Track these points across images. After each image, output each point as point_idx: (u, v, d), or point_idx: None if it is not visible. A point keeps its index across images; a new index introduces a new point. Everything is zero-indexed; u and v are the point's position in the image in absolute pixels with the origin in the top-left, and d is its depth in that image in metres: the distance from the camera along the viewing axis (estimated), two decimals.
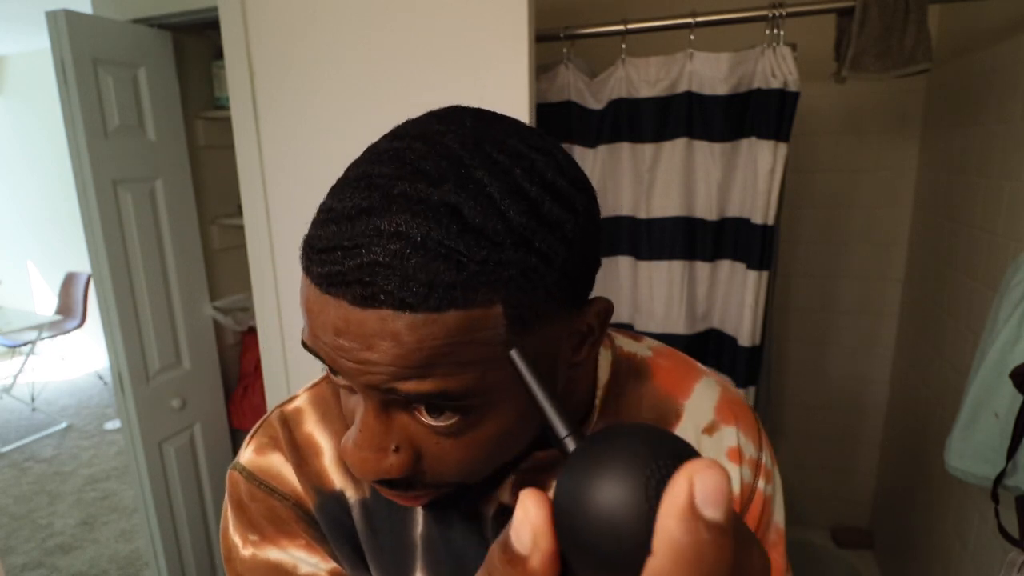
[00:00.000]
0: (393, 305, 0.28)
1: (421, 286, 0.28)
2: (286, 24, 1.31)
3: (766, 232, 1.33)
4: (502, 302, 0.30)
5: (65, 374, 4.70)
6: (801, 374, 2.10)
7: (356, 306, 0.29)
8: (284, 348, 1.49)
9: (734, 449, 0.46)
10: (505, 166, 0.31)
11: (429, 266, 0.28)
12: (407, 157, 0.31)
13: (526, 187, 0.31)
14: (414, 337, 0.29)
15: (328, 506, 0.45)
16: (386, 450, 0.33)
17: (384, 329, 0.29)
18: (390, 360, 0.29)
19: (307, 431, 0.47)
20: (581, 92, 1.46)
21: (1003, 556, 1.19)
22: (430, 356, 0.29)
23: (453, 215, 0.29)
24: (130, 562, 2.49)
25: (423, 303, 0.28)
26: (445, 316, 0.29)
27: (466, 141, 0.31)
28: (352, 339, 0.29)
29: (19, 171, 4.75)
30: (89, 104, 1.59)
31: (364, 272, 0.28)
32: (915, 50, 1.21)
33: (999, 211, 1.32)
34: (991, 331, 1.07)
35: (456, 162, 0.30)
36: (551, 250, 0.31)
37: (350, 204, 0.30)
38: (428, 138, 0.32)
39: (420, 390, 0.30)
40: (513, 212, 0.30)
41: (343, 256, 0.29)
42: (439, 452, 0.34)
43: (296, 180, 1.38)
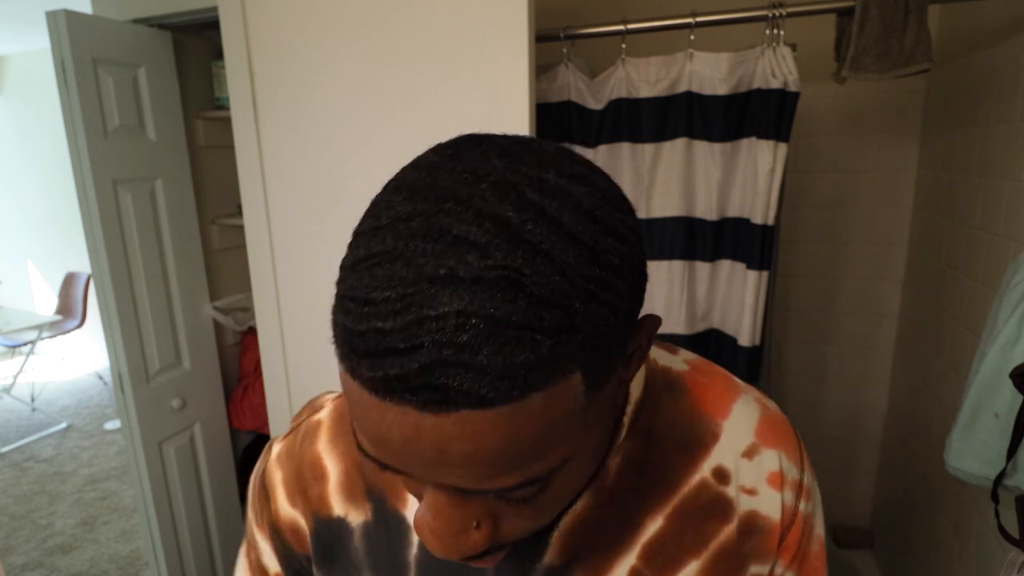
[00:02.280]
0: (471, 404, 0.25)
1: (499, 377, 0.25)
2: (286, 24, 1.31)
3: (766, 232, 1.33)
4: (580, 368, 0.27)
5: (65, 374, 4.70)
6: (801, 374, 2.10)
7: (428, 412, 0.25)
8: (284, 348, 1.49)
9: (776, 474, 0.43)
10: (553, 214, 0.27)
11: (503, 352, 0.24)
12: (441, 224, 0.26)
13: (579, 231, 0.27)
14: (499, 434, 0.26)
15: (323, 533, 0.46)
16: (468, 530, 0.31)
17: (464, 432, 0.25)
18: (475, 461, 0.26)
19: (317, 450, 0.47)
20: (581, 92, 1.46)
21: (1003, 556, 1.19)
22: (517, 449, 0.26)
23: (514, 287, 0.25)
24: (130, 562, 2.49)
25: (504, 395, 0.25)
26: (529, 402, 0.26)
27: (504, 192, 0.27)
28: (426, 448, 0.26)
29: (19, 171, 4.75)
30: (89, 104, 1.59)
31: (430, 374, 0.24)
32: (915, 50, 1.21)
33: (999, 211, 1.32)
34: (991, 331, 1.07)
35: (501, 222, 0.26)
36: (617, 296, 0.28)
37: (391, 294, 0.25)
38: (458, 195, 0.27)
39: (507, 484, 0.28)
40: (574, 266, 0.27)
41: (400, 357, 0.25)
42: (519, 518, 0.33)
43: (296, 180, 1.38)
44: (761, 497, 0.42)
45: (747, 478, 0.43)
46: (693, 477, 0.42)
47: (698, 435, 0.43)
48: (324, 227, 1.38)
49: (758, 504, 0.42)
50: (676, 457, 0.43)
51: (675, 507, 0.42)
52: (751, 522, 0.42)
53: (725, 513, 0.42)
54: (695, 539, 0.41)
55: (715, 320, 1.47)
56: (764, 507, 0.42)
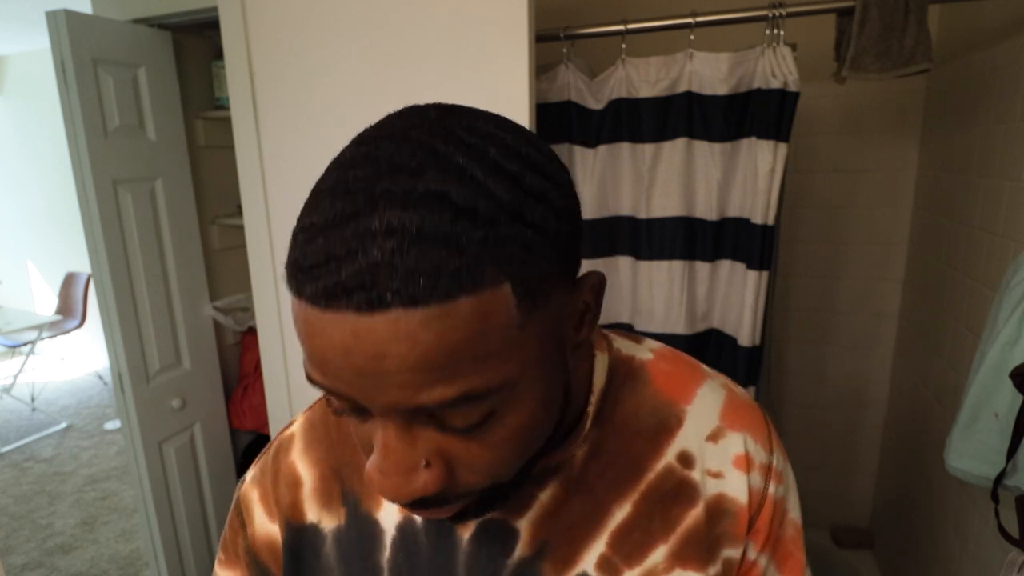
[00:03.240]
0: (403, 303, 0.26)
1: (428, 276, 0.26)
2: (286, 24, 1.31)
3: (766, 232, 1.33)
4: (509, 279, 0.29)
5: (65, 374, 4.70)
6: (801, 374, 2.10)
7: (363, 314, 0.27)
8: (284, 348, 1.49)
9: (741, 456, 0.43)
10: (480, 147, 0.30)
11: (430, 255, 0.27)
12: (379, 156, 0.30)
13: (505, 164, 0.30)
14: (431, 333, 0.27)
15: (294, 542, 0.46)
16: (416, 469, 0.31)
17: (398, 332, 0.27)
18: (410, 365, 0.27)
19: (291, 461, 0.48)
20: (581, 92, 1.46)
21: (1003, 556, 1.19)
22: (450, 353, 0.27)
23: (442, 201, 0.28)
24: (130, 562, 2.49)
25: (432, 293, 0.26)
26: (458, 305, 0.27)
27: (435, 131, 0.31)
28: (364, 353, 0.27)
29: (19, 171, 4.75)
30: (89, 104, 1.59)
31: (364, 276, 0.26)
32: (915, 50, 1.21)
33: (999, 211, 1.33)
34: (991, 331, 1.07)
35: (431, 151, 0.29)
36: (543, 221, 0.30)
37: (331, 213, 0.28)
38: (395, 136, 0.31)
39: (446, 396, 0.28)
40: (499, 189, 0.29)
41: (338, 266, 0.27)
42: (469, 458, 0.32)
43: (296, 180, 1.39)
44: (728, 480, 0.43)
45: (713, 461, 0.43)
46: (658, 463, 0.43)
47: (662, 421, 0.44)
48: None
49: (725, 487, 0.43)
50: (641, 444, 0.43)
51: (642, 493, 0.42)
52: (719, 505, 0.43)
53: (691, 497, 0.42)
54: (663, 524, 0.42)
55: (715, 320, 1.47)
56: (731, 490, 0.43)
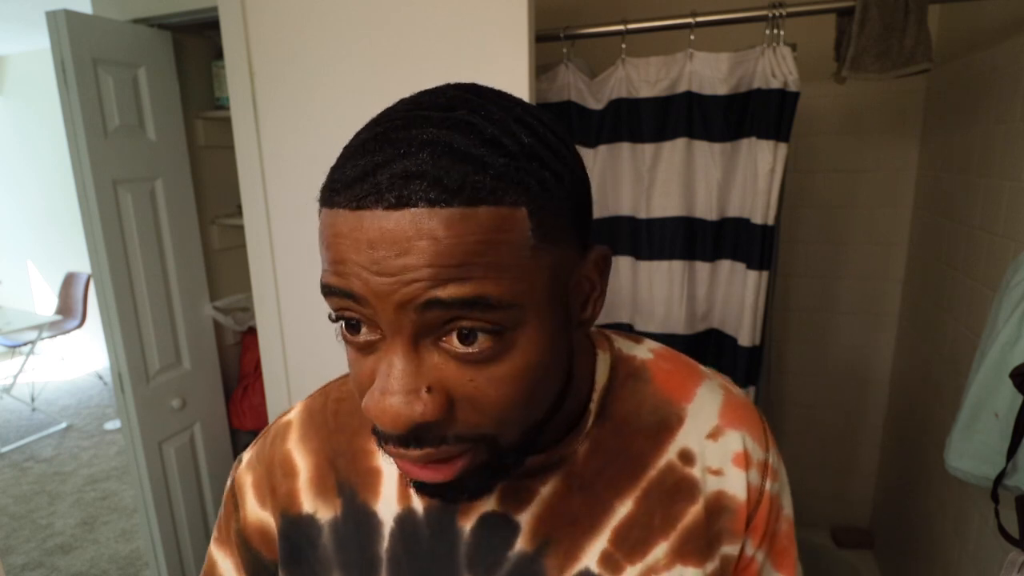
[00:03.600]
0: (428, 202, 0.29)
1: (454, 182, 0.29)
2: (286, 24, 1.31)
3: (766, 232, 1.33)
4: (526, 205, 0.31)
5: (65, 374, 4.70)
6: (801, 374, 2.10)
7: (391, 210, 0.29)
8: (284, 348, 1.49)
9: (740, 454, 0.45)
10: (507, 104, 0.34)
11: (458, 166, 0.29)
12: (417, 99, 0.34)
13: (526, 119, 0.34)
14: (451, 232, 0.29)
15: (290, 531, 0.46)
16: (417, 392, 0.31)
17: (420, 229, 0.29)
18: (428, 260, 0.29)
19: (287, 449, 0.48)
20: (581, 92, 1.46)
21: (1003, 556, 1.19)
22: (467, 254, 0.29)
23: (472, 129, 0.31)
24: (130, 562, 2.49)
25: (456, 197, 0.29)
26: (478, 211, 0.29)
27: (468, 90, 0.34)
28: (388, 246, 0.29)
29: (19, 171, 4.75)
30: (89, 104, 1.59)
31: (397, 179, 0.29)
32: (915, 50, 1.21)
33: (999, 211, 1.33)
34: (991, 331, 1.07)
35: (464, 99, 0.33)
36: (560, 169, 0.33)
37: (371, 134, 0.32)
38: (433, 91, 0.35)
39: (460, 294, 0.29)
40: (522, 134, 0.32)
41: (374, 172, 0.30)
42: (474, 391, 0.32)
43: (296, 180, 1.39)
44: (727, 477, 0.44)
45: (713, 459, 0.44)
46: (660, 460, 0.43)
47: (663, 419, 0.45)
48: None
49: (724, 484, 0.44)
50: (642, 441, 0.44)
51: (643, 490, 0.43)
52: (719, 502, 0.44)
53: (692, 494, 0.43)
54: (664, 521, 0.42)
55: (715, 320, 1.47)
56: (730, 487, 0.44)
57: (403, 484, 0.44)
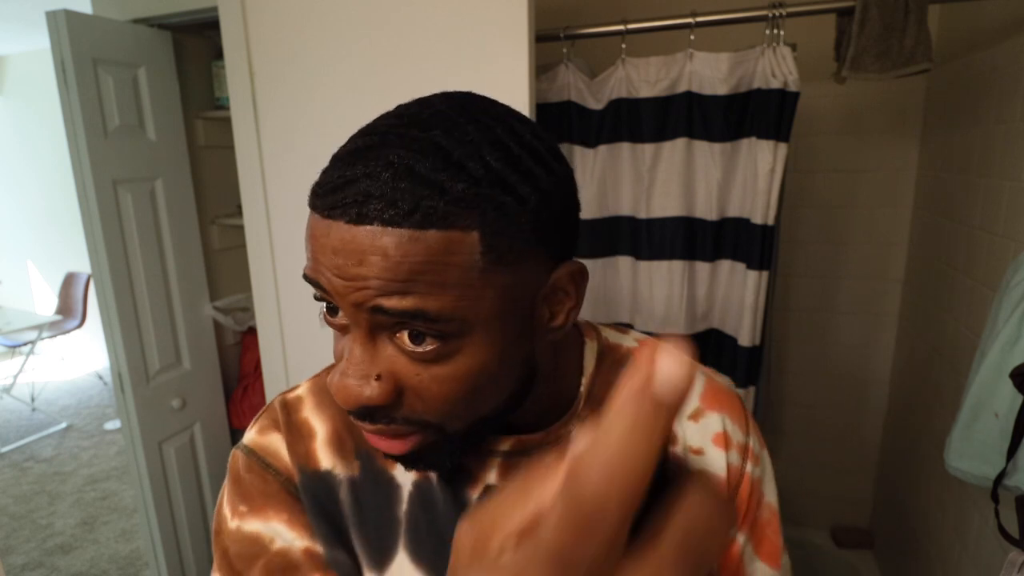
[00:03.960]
0: (382, 222, 0.32)
1: (407, 206, 0.32)
2: (286, 24, 1.31)
3: (766, 232, 1.33)
4: (478, 229, 0.33)
5: (65, 374, 4.70)
6: (801, 374, 2.10)
7: (352, 224, 0.33)
8: (284, 348, 1.49)
9: (720, 434, 0.48)
10: (488, 124, 0.36)
11: (415, 191, 0.32)
12: (404, 112, 0.37)
13: (507, 143, 0.35)
14: (399, 252, 0.32)
15: (311, 485, 0.47)
16: (368, 378, 0.36)
17: (374, 244, 0.33)
18: (377, 273, 0.33)
19: (304, 415, 0.50)
20: (581, 92, 1.46)
21: (1003, 556, 1.19)
22: (411, 271, 0.33)
23: (439, 152, 0.33)
24: (130, 562, 2.49)
25: (407, 220, 0.32)
26: (427, 235, 0.32)
27: (455, 104, 0.37)
28: (347, 256, 0.33)
29: (19, 171, 4.75)
30: (89, 104, 1.59)
31: (359, 197, 0.33)
32: (915, 50, 1.21)
33: (999, 211, 1.32)
34: (991, 331, 1.07)
35: (446, 117, 0.35)
36: (525, 195, 0.35)
37: (351, 147, 0.35)
38: (423, 101, 0.38)
39: (401, 306, 0.33)
40: (493, 159, 0.34)
41: (344, 186, 0.33)
42: (419, 384, 0.36)
43: (296, 180, 1.39)
44: (708, 457, 0.48)
45: (694, 439, 0.48)
46: None
47: None
48: None
49: (705, 463, 0.47)
50: None
51: None
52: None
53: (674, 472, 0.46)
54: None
55: (715, 320, 1.47)
56: (710, 466, 0.47)
57: None
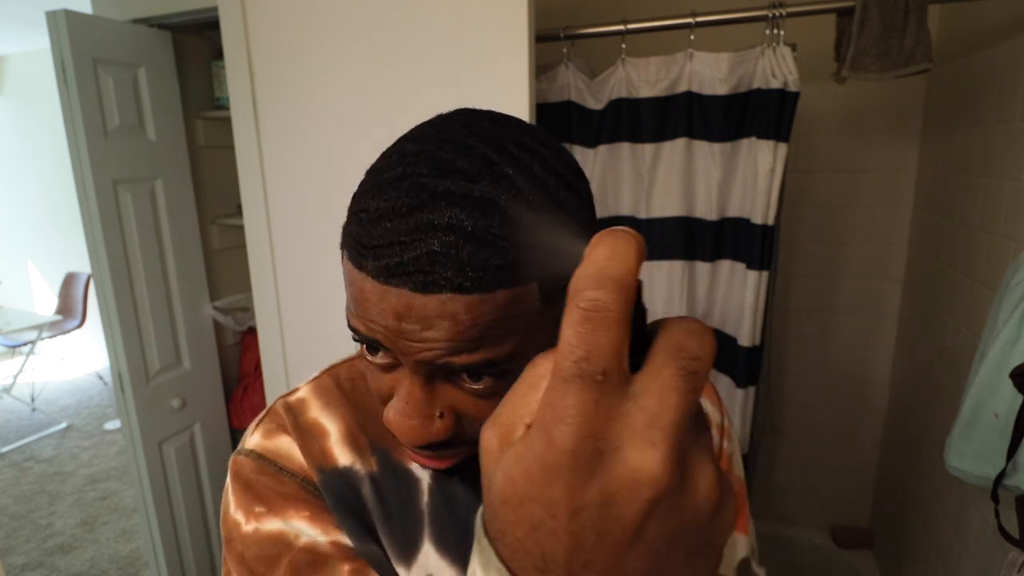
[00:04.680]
0: (453, 289, 0.32)
1: (476, 271, 0.32)
2: (286, 24, 1.31)
3: (766, 232, 1.33)
4: (536, 280, 0.34)
5: (65, 374, 4.70)
6: (801, 374, 2.10)
7: (418, 292, 0.32)
8: (284, 348, 1.49)
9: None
10: (526, 162, 0.35)
11: (480, 253, 0.32)
12: (441, 158, 0.34)
13: (544, 179, 0.35)
14: (470, 316, 0.33)
15: (332, 482, 0.47)
16: (432, 417, 0.37)
17: (444, 311, 0.32)
18: (447, 336, 0.33)
19: (312, 416, 0.50)
20: (581, 92, 1.46)
21: (1003, 556, 1.19)
22: (481, 329, 0.33)
23: (493, 207, 0.33)
24: (130, 562, 2.49)
25: (478, 286, 0.32)
26: (495, 295, 0.33)
27: (490, 142, 0.35)
28: (414, 322, 0.33)
29: (19, 171, 4.75)
30: (89, 104, 1.59)
31: (423, 262, 0.32)
32: (915, 50, 1.21)
33: (999, 211, 1.32)
34: (991, 331, 1.07)
35: (487, 161, 0.34)
36: (572, 227, 0.36)
37: (399, 203, 0.33)
38: (455, 141, 0.35)
39: (471, 361, 0.34)
40: (539, 202, 0.34)
41: (401, 249, 0.32)
42: (476, 413, 0.38)
43: (296, 180, 1.38)
44: None
45: None
46: None
47: None
48: (324, 227, 1.38)
49: None
50: None
51: None
52: None
53: None
54: None
55: (715, 320, 1.47)
56: None
57: None
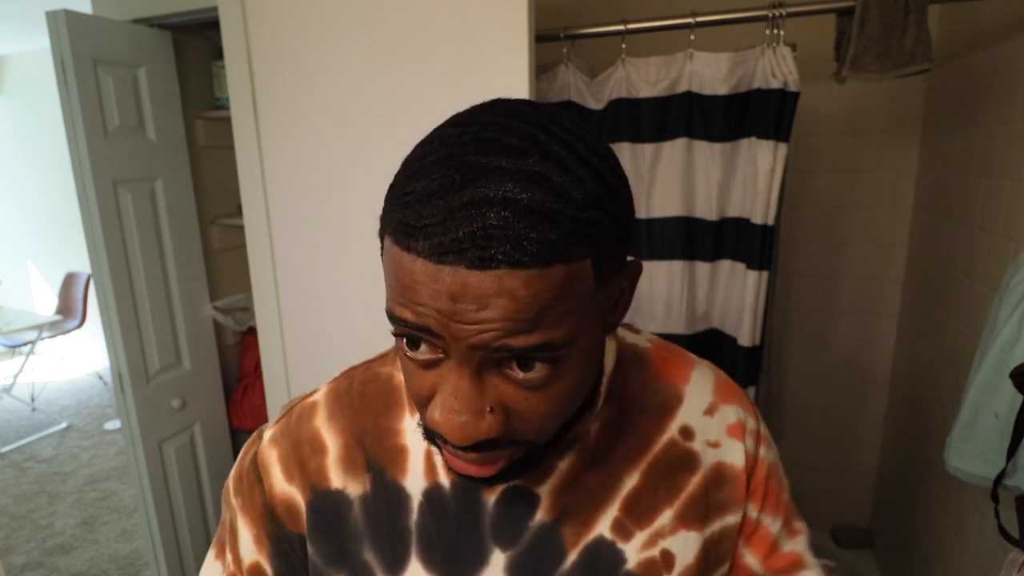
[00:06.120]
0: (510, 264, 0.31)
1: (533, 244, 0.31)
2: (286, 24, 1.31)
3: (766, 232, 1.33)
4: (591, 256, 0.33)
5: (65, 374, 4.70)
6: (801, 374, 2.10)
7: (475, 269, 0.31)
8: (284, 348, 1.49)
9: (734, 425, 0.50)
10: (570, 142, 0.34)
11: (536, 226, 0.31)
12: (487, 137, 0.33)
13: (591, 159, 0.34)
14: (529, 292, 0.31)
15: (319, 505, 0.48)
16: (483, 412, 0.35)
17: (501, 287, 0.31)
18: (505, 315, 0.31)
19: (315, 426, 0.50)
20: (581, 92, 1.46)
21: (1003, 556, 1.19)
22: (540, 309, 0.32)
23: (546, 182, 0.32)
24: (130, 562, 2.49)
25: (535, 259, 0.31)
26: (553, 271, 0.32)
27: (533, 122, 0.34)
28: (469, 301, 0.31)
29: (19, 171, 4.75)
30: (89, 104, 1.59)
31: (479, 237, 0.30)
32: (915, 50, 1.21)
33: (999, 211, 1.32)
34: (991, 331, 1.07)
35: (533, 139, 0.33)
36: (617, 212, 0.35)
37: (448, 180, 0.32)
38: (498, 123, 0.34)
39: (529, 343, 0.32)
40: (588, 180, 0.33)
41: (456, 225, 0.31)
42: (526, 408, 0.36)
43: (296, 180, 1.38)
44: (724, 448, 0.49)
45: (711, 433, 0.50)
46: (663, 436, 0.49)
47: (664, 400, 0.50)
48: (324, 227, 1.38)
49: (723, 455, 0.49)
50: (647, 420, 0.49)
51: (649, 464, 0.48)
52: (719, 473, 0.49)
53: (692, 466, 0.48)
54: (668, 491, 0.47)
55: (715, 320, 1.47)
56: (728, 456, 0.49)
57: (429, 461, 0.48)
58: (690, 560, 0.46)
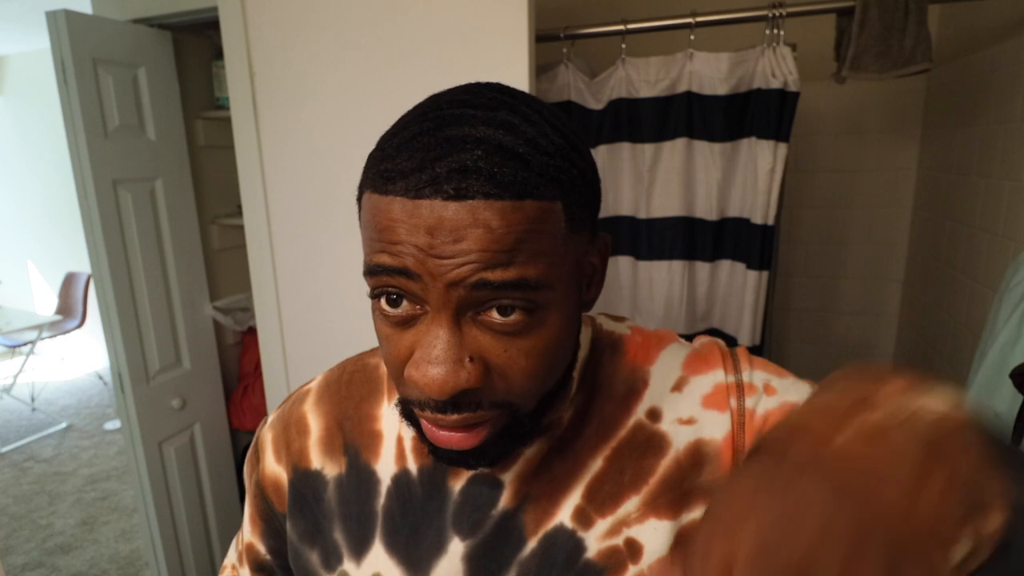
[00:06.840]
0: (484, 195, 0.32)
1: (506, 178, 0.33)
2: (286, 24, 1.31)
3: (766, 232, 1.33)
4: (562, 199, 0.35)
5: (65, 374, 4.70)
6: (801, 374, 2.09)
7: (451, 201, 0.32)
8: (284, 348, 1.49)
9: (709, 395, 0.46)
10: (537, 107, 0.37)
11: (508, 163, 0.33)
12: (460, 99, 0.36)
13: (555, 122, 0.37)
14: (503, 223, 0.33)
15: (299, 483, 0.51)
16: (461, 361, 0.35)
17: (476, 218, 0.33)
18: (481, 246, 0.33)
19: (303, 410, 0.53)
20: (581, 92, 1.46)
21: None
22: (515, 241, 0.33)
23: (515, 129, 0.34)
24: (130, 562, 2.49)
25: (507, 191, 0.33)
26: (525, 204, 0.33)
27: (501, 91, 0.38)
28: (445, 234, 0.33)
29: (19, 171, 4.75)
30: (89, 104, 1.59)
31: (455, 171, 0.32)
32: (915, 50, 1.21)
33: (999, 211, 1.32)
34: (991, 331, 1.07)
35: (501, 100, 0.36)
36: (584, 168, 0.38)
37: (425, 126, 0.34)
38: (468, 89, 0.38)
39: (506, 277, 0.34)
40: (553, 135, 0.36)
41: (433, 162, 0.33)
42: (506, 361, 0.36)
43: (296, 180, 1.39)
44: (701, 423, 0.45)
45: (682, 410, 0.46)
46: (629, 420, 0.46)
47: (631, 385, 0.48)
48: (324, 227, 1.38)
49: (701, 431, 0.45)
50: (614, 406, 0.47)
51: (613, 449, 0.46)
52: (697, 453, 0.44)
53: (661, 448, 0.45)
54: (634, 476, 0.45)
55: (715, 320, 1.47)
56: (708, 431, 0.45)
57: (400, 447, 0.49)
58: (661, 550, 0.43)
